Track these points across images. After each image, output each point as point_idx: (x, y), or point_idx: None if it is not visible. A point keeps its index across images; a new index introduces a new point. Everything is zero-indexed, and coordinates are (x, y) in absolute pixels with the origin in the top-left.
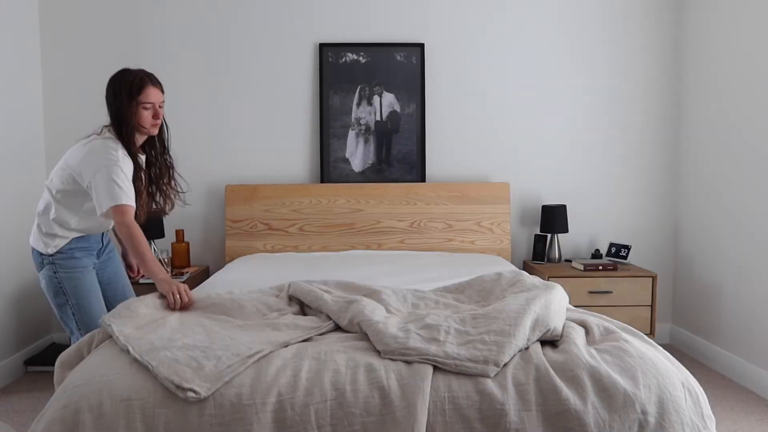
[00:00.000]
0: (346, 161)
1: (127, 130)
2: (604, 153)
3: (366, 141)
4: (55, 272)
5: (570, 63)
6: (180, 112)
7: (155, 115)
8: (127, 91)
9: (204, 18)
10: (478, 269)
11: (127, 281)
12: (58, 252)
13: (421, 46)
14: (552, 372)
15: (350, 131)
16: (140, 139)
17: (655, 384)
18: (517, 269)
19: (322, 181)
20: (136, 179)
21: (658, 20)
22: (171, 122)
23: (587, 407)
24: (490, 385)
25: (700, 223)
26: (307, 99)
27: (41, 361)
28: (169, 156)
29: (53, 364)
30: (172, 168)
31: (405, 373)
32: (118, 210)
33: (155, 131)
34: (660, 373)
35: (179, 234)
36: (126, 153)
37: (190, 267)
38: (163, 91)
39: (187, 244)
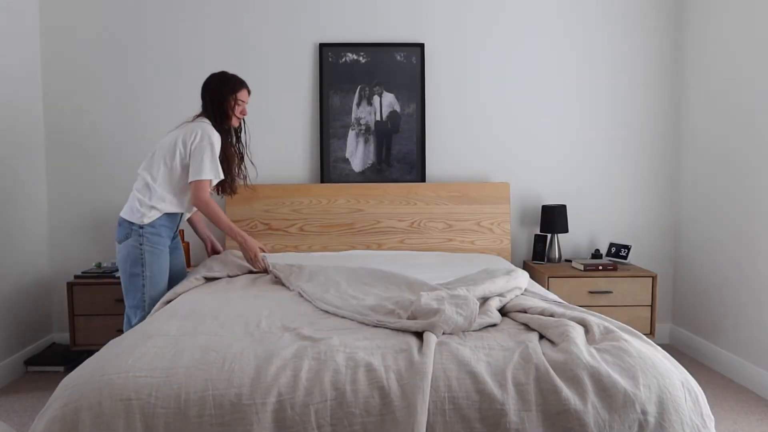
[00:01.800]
0: (346, 161)
1: (223, 117)
2: (604, 153)
3: (366, 141)
4: (141, 244)
5: (570, 63)
6: (180, 112)
7: (242, 111)
8: (231, 88)
9: (204, 18)
10: (477, 269)
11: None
12: (149, 225)
13: (421, 46)
14: (552, 372)
15: (350, 131)
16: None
17: (655, 384)
18: (511, 266)
19: (322, 181)
20: (227, 150)
21: (658, 20)
22: (172, 123)
23: (587, 407)
24: (490, 385)
25: (701, 223)
26: (307, 99)
27: (41, 361)
28: (242, 146)
29: (53, 364)
30: (241, 158)
31: (405, 373)
32: (198, 185)
33: (237, 123)
34: (660, 373)
35: (180, 234)
36: (217, 132)
37: (190, 267)
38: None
39: (188, 244)
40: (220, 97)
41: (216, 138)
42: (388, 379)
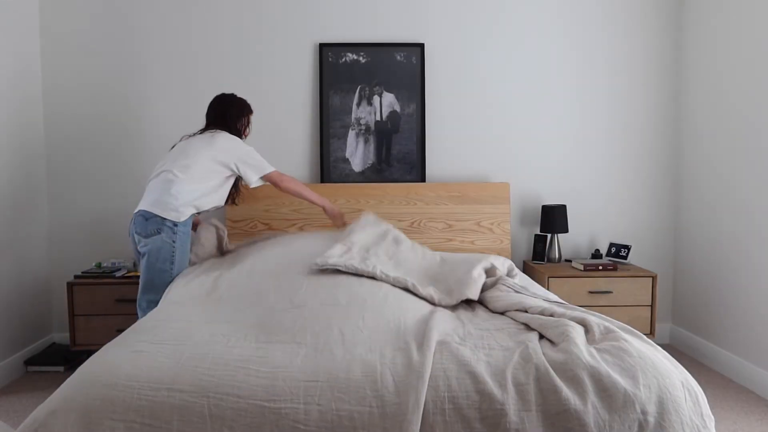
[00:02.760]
0: (346, 161)
1: (239, 135)
2: (604, 153)
3: (366, 141)
4: (174, 241)
5: (570, 63)
6: (180, 112)
7: (249, 131)
8: (245, 110)
9: (204, 18)
10: None
11: None
12: (182, 223)
13: (421, 46)
14: (552, 372)
15: (350, 131)
16: None
17: (655, 384)
18: (503, 259)
19: (322, 181)
20: None
21: (658, 20)
22: (171, 122)
23: (587, 407)
24: (490, 385)
25: (701, 223)
26: (307, 99)
27: (41, 361)
28: None
29: (53, 364)
30: None
31: (401, 372)
32: (274, 176)
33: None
34: (660, 373)
35: None
36: None
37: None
38: None
39: None
40: (237, 117)
41: None
42: (383, 374)
